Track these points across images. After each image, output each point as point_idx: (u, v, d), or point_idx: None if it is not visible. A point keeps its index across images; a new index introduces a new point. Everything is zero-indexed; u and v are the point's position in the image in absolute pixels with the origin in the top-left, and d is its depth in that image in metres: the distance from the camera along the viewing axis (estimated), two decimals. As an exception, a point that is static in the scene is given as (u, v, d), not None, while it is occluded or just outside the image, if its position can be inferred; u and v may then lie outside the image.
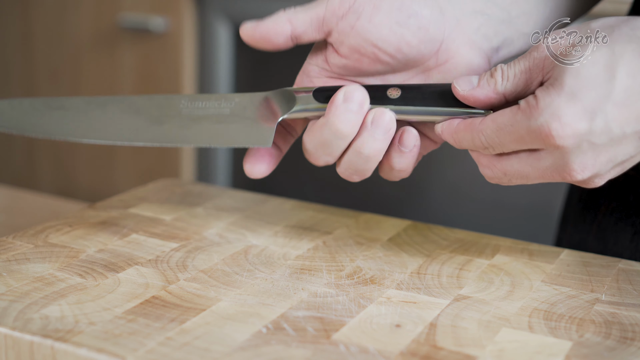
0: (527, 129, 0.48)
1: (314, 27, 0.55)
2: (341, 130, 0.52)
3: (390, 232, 0.62)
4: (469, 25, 0.55)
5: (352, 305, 0.50)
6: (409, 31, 0.54)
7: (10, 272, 0.53)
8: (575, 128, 0.47)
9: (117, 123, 0.57)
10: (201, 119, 0.57)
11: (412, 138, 0.54)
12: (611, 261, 0.58)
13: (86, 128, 0.57)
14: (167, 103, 0.58)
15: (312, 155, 0.55)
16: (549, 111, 0.47)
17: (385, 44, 0.54)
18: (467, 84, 0.52)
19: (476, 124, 0.51)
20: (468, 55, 0.55)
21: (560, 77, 0.47)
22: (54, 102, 0.58)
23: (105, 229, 0.60)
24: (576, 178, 0.49)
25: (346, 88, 0.53)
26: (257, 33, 0.55)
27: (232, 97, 0.57)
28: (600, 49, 0.47)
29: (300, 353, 0.44)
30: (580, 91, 0.47)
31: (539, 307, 0.51)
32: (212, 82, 1.60)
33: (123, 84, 1.65)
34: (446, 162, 1.42)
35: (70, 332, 0.45)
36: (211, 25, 1.57)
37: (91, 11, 1.65)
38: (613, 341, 0.47)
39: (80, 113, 0.58)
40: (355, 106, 0.52)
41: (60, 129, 0.58)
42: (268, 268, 0.55)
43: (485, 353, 0.45)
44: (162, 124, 0.57)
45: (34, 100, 0.59)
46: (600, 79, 0.47)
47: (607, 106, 0.47)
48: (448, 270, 0.56)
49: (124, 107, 0.58)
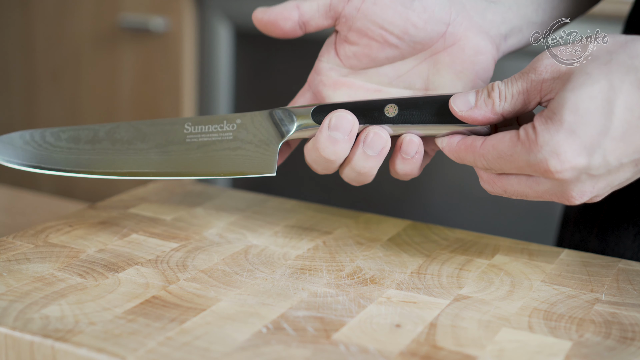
0: (527, 162, 0.49)
1: (321, 13, 0.55)
2: (326, 157, 0.54)
3: (390, 232, 0.62)
4: (474, 10, 0.56)
5: (352, 305, 0.50)
6: (414, 12, 0.54)
7: (11, 272, 0.53)
8: (573, 164, 0.48)
9: (125, 155, 0.59)
10: (206, 146, 0.58)
11: (414, 146, 0.54)
12: (611, 261, 0.58)
13: (96, 162, 0.59)
14: (172, 129, 0.59)
15: (311, 167, 0.57)
16: (548, 148, 0.48)
17: (392, 25, 0.54)
18: (464, 104, 0.52)
19: (477, 147, 0.52)
20: (475, 39, 0.56)
21: (559, 111, 0.47)
22: (64, 133, 0.59)
23: (105, 229, 0.60)
24: (575, 203, 0.50)
25: (335, 114, 0.54)
26: (265, 17, 0.56)
27: (234, 118, 0.58)
28: (599, 81, 0.47)
29: (300, 353, 0.44)
30: (579, 128, 0.47)
31: (539, 307, 0.51)
32: (212, 82, 1.60)
33: (123, 84, 1.65)
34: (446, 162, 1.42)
35: (70, 332, 0.45)
36: (211, 25, 1.57)
37: (91, 11, 1.65)
38: (613, 341, 0.47)
39: (89, 145, 0.59)
40: (340, 135, 0.53)
41: (70, 165, 0.59)
42: (268, 268, 0.55)
43: (485, 353, 0.45)
44: (168, 153, 0.58)
45: (44, 131, 0.60)
46: (598, 114, 0.47)
47: (606, 141, 0.47)
48: (448, 270, 0.56)
49: (130, 136, 0.59)
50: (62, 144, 0.59)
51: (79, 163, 0.59)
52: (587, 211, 0.71)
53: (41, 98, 1.74)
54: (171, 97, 1.61)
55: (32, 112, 1.76)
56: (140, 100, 1.65)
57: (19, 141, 0.59)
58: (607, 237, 0.67)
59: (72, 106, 1.72)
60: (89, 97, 1.70)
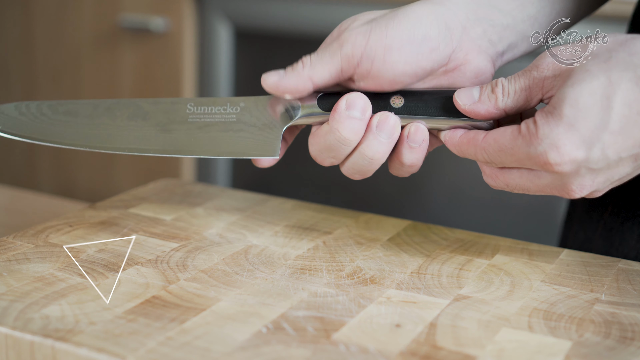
0: (527, 154, 0.50)
1: (334, 79, 0.56)
2: (345, 136, 0.54)
3: (390, 232, 0.62)
4: (474, 31, 0.57)
5: (352, 305, 0.50)
6: (422, 56, 0.55)
7: (11, 272, 0.53)
8: (572, 157, 0.49)
9: (125, 131, 0.58)
10: (208, 127, 0.57)
11: (421, 134, 0.55)
12: (611, 261, 0.58)
13: (94, 136, 0.58)
14: (174, 108, 0.58)
15: (317, 158, 0.57)
16: (547, 141, 0.49)
17: (403, 76, 0.55)
18: (468, 98, 0.53)
19: (479, 140, 0.52)
20: (475, 61, 0.56)
21: (559, 106, 0.49)
22: (61, 106, 0.59)
23: (106, 229, 0.61)
24: (574, 196, 0.51)
25: (348, 96, 0.55)
26: (280, 88, 0.55)
27: (237, 101, 0.58)
28: (599, 78, 0.48)
29: (300, 353, 0.44)
30: (578, 121, 0.48)
31: (539, 307, 0.51)
32: (212, 82, 1.60)
33: (123, 84, 1.65)
34: (446, 162, 1.43)
35: (70, 332, 0.45)
36: (211, 25, 1.57)
37: (91, 11, 1.65)
38: (613, 341, 0.47)
39: (87, 119, 0.58)
40: (357, 113, 0.54)
41: (68, 137, 0.58)
42: (268, 268, 0.55)
43: (485, 353, 0.45)
44: (169, 132, 0.57)
45: (41, 103, 0.59)
46: (597, 108, 0.48)
47: (604, 135, 0.48)
48: (448, 270, 0.56)
49: (131, 113, 0.58)
50: (60, 117, 0.58)
51: (77, 136, 0.58)
52: (592, 211, 0.71)
53: (41, 98, 1.74)
54: (171, 96, 1.61)
55: (32, 112, 1.76)
56: (140, 100, 1.65)
57: (15, 112, 0.58)
58: (611, 237, 0.68)
59: (72, 106, 1.71)
60: (89, 97, 1.70)
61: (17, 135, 0.58)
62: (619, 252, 0.66)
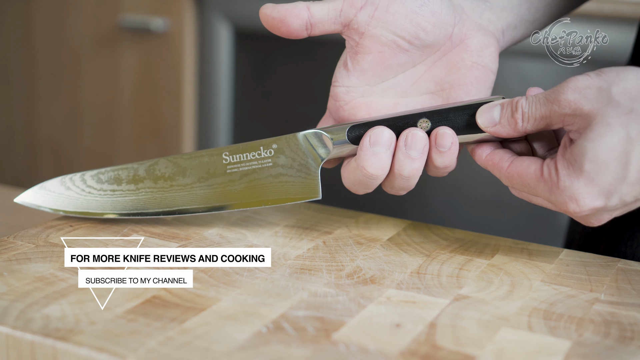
0: (548, 198, 0.53)
1: (330, 17, 0.56)
2: (372, 173, 0.56)
3: (390, 232, 0.62)
4: (473, 11, 0.59)
5: (352, 305, 0.50)
6: (423, 17, 0.56)
7: (11, 272, 0.53)
8: (592, 206, 0.51)
9: (170, 193, 0.60)
10: (248, 175, 0.59)
11: (448, 138, 0.56)
12: (610, 261, 0.59)
13: (143, 202, 0.60)
14: (211, 160, 0.59)
15: (351, 190, 0.59)
16: (568, 193, 0.51)
17: (404, 31, 0.56)
18: (489, 120, 0.55)
19: (503, 168, 0.55)
20: (478, 36, 0.58)
21: (579, 159, 0.50)
22: (103, 174, 0.60)
23: (106, 229, 0.61)
24: (593, 226, 0.54)
25: (373, 131, 0.56)
26: (274, 13, 0.56)
27: (269, 142, 0.59)
28: (619, 133, 0.49)
29: (300, 353, 0.44)
30: (598, 176, 0.50)
31: (539, 306, 0.51)
32: (212, 82, 1.60)
33: (123, 84, 1.65)
34: (446, 162, 1.42)
35: (71, 332, 0.45)
36: (211, 26, 1.57)
37: (92, 12, 1.65)
38: (612, 340, 0.47)
39: (132, 185, 0.60)
40: (382, 149, 0.56)
41: (119, 208, 0.60)
42: (268, 268, 0.55)
43: (485, 353, 0.45)
44: (213, 187, 0.59)
45: (83, 175, 0.60)
46: (616, 164, 0.50)
47: (623, 187, 0.50)
48: (448, 270, 0.56)
49: (171, 172, 0.60)
50: (105, 187, 0.60)
51: (126, 205, 0.60)
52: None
53: (41, 98, 1.74)
54: (171, 97, 1.62)
55: (32, 112, 1.76)
56: (141, 100, 1.65)
57: (61, 187, 0.60)
58: (617, 239, 0.68)
59: (72, 106, 1.72)
60: (89, 97, 1.70)
61: (70, 213, 0.60)
62: (624, 255, 0.67)
